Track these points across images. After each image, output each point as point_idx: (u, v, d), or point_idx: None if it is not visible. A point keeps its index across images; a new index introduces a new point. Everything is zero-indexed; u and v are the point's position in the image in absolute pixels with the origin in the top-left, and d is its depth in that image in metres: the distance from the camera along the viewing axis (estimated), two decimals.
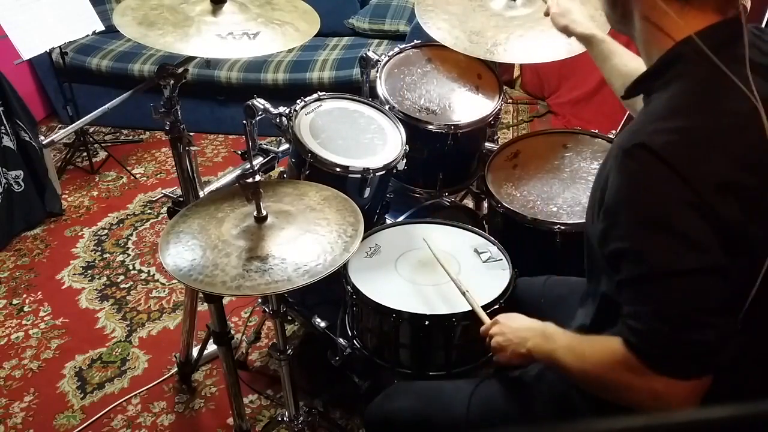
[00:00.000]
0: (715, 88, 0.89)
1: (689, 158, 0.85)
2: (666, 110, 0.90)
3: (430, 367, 1.46)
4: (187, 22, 1.37)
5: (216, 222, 1.32)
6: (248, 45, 1.36)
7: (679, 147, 0.85)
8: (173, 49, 1.32)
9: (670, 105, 0.91)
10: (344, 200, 1.38)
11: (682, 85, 0.92)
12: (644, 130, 0.89)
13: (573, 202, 1.72)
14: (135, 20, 1.36)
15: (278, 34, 1.41)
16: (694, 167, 0.84)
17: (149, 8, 1.40)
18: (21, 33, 2.75)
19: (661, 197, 0.86)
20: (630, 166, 0.88)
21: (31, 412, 2.05)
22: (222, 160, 3.42)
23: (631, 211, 0.89)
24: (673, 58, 0.93)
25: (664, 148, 0.85)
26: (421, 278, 1.50)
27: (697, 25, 0.91)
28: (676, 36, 0.93)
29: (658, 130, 0.87)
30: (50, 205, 2.97)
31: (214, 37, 1.35)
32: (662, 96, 0.93)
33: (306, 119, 1.69)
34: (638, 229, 0.89)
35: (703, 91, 0.90)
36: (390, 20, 3.52)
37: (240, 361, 2.10)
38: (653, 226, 0.87)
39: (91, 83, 3.54)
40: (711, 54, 0.88)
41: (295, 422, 1.69)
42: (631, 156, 0.88)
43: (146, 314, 2.41)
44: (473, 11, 1.85)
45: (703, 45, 0.89)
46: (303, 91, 1.88)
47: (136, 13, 1.38)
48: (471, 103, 1.93)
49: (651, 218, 0.87)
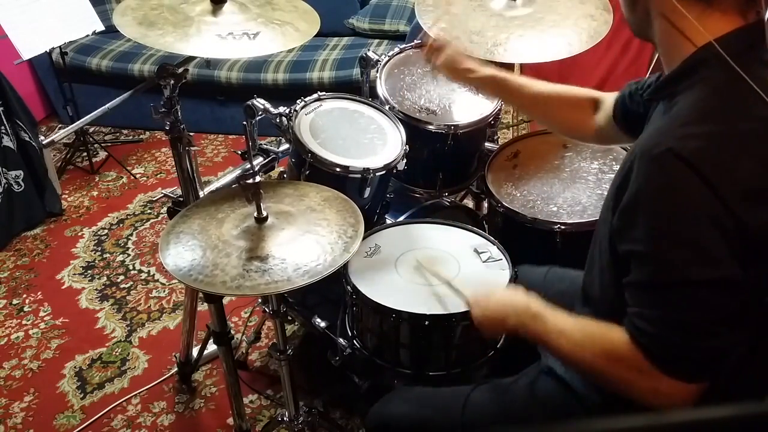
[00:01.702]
0: (739, 93, 0.88)
1: (718, 165, 0.84)
2: (693, 114, 0.89)
3: (429, 367, 1.45)
4: (187, 22, 1.37)
5: (216, 222, 1.32)
6: (248, 45, 1.36)
7: (709, 154, 0.85)
8: (173, 49, 1.31)
9: (697, 109, 0.90)
10: (344, 201, 1.38)
11: (707, 88, 0.91)
12: (671, 135, 0.88)
13: (573, 201, 1.71)
14: (135, 20, 1.36)
15: (278, 34, 1.41)
16: (723, 175, 0.84)
17: (149, 8, 1.40)
18: (21, 33, 2.75)
19: (688, 206, 0.85)
20: (657, 171, 0.87)
21: (31, 412, 2.06)
22: (222, 160, 3.42)
23: (653, 217, 0.88)
24: (697, 62, 0.92)
25: (693, 155, 0.84)
26: (421, 278, 1.49)
27: (720, 28, 0.90)
28: (698, 40, 0.91)
29: (687, 135, 0.86)
30: (50, 205, 2.97)
31: (214, 37, 1.35)
32: (687, 99, 0.92)
33: (306, 119, 1.69)
34: (657, 236, 0.88)
35: (730, 96, 0.89)
36: (390, 20, 3.52)
37: (240, 361, 2.10)
38: (674, 235, 0.87)
39: (91, 83, 3.54)
40: (730, 60, 0.86)
41: (295, 422, 1.69)
42: (659, 161, 0.86)
43: (146, 314, 2.41)
44: (473, 11, 1.85)
45: (726, 49, 0.88)
46: (303, 91, 1.88)
47: (136, 13, 1.38)
48: (471, 103, 1.93)
49: (672, 227, 0.87)
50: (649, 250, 0.89)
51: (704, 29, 0.90)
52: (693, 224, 0.85)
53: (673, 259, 0.87)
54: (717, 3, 0.90)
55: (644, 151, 0.89)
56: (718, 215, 0.83)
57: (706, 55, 0.91)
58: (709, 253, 0.85)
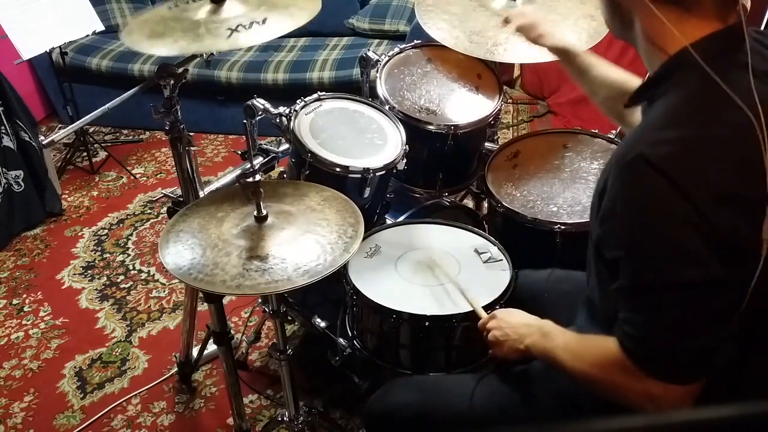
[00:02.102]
0: (713, 98, 0.88)
1: (688, 170, 0.84)
2: (664, 120, 0.90)
3: (430, 367, 1.46)
4: (194, 25, 1.37)
5: (216, 221, 1.32)
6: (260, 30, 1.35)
7: (678, 159, 0.85)
8: (189, 50, 1.33)
9: (668, 114, 0.90)
10: (344, 201, 1.38)
11: (679, 94, 0.91)
12: (644, 141, 0.88)
13: (573, 202, 1.72)
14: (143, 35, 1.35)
15: (285, 15, 1.40)
16: (693, 179, 0.84)
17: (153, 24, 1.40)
18: (21, 33, 2.76)
19: (660, 211, 0.86)
20: (629, 177, 0.88)
21: (31, 412, 2.06)
22: (222, 160, 3.42)
23: (629, 223, 0.89)
24: (672, 67, 0.93)
25: (663, 161, 0.84)
26: (421, 279, 1.50)
27: (698, 33, 0.90)
28: (676, 44, 0.92)
29: (658, 141, 0.87)
30: (50, 205, 2.97)
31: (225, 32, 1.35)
32: (662, 104, 0.93)
33: (306, 119, 1.69)
34: (635, 241, 0.89)
35: (701, 101, 0.89)
36: (390, 20, 3.52)
37: (240, 361, 2.10)
38: (651, 239, 0.87)
39: (91, 83, 3.54)
40: (704, 64, 0.86)
41: (295, 422, 1.69)
42: (631, 168, 0.87)
43: (146, 314, 2.41)
44: (473, 11, 1.85)
45: (702, 54, 0.87)
46: (303, 91, 1.88)
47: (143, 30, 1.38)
48: (471, 103, 1.93)
49: (648, 232, 0.87)
50: (628, 256, 0.90)
51: (682, 34, 0.90)
52: (668, 228, 0.85)
53: (652, 263, 0.88)
54: (695, 8, 0.90)
55: (619, 157, 0.90)
56: (691, 218, 0.83)
57: (681, 61, 0.91)
58: (687, 255, 0.85)
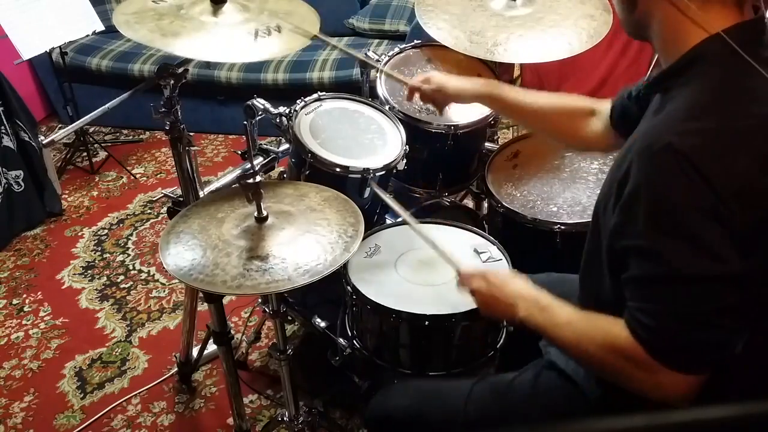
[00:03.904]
0: (739, 89, 0.89)
1: (715, 162, 0.85)
2: (690, 109, 0.90)
3: (429, 367, 1.46)
4: (203, 27, 1.35)
5: (216, 222, 1.32)
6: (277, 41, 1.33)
7: (706, 150, 0.86)
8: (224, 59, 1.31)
9: (694, 104, 0.91)
10: (344, 201, 1.38)
11: (704, 84, 0.91)
12: (672, 130, 0.88)
13: (573, 202, 1.72)
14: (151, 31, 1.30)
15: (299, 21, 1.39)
16: (719, 171, 0.84)
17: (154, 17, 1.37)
18: (21, 33, 2.75)
19: (685, 202, 0.86)
20: (657, 166, 0.88)
21: (31, 412, 2.06)
22: (222, 160, 3.42)
23: (652, 212, 0.89)
24: (696, 56, 0.93)
25: (692, 151, 0.85)
26: (421, 278, 1.50)
27: (719, 22, 0.91)
28: (697, 34, 0.92)
29: (686, 131, 0.87)
30: (50, 205, 2.97)
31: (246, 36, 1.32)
32: (683, 94, 0.93)
33: (306, 119, 1.69)
34: (657, 231, 0.89)
35: (727, 92, 0.90)
36: (390, 20, 3.52)
37: (240, 361, 2.10)
38: (673, 229, 0.88)
39: (91, 83, 3.54)
40: (744, 53, 0.87)
41: (295, 422, 1.69)
42: (659, 156, 0.87)
43: (146, 314, 2.41)
44: (473, 11, 1.85)
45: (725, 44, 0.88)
46: (303, 91, 1.88)
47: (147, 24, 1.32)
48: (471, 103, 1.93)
49: (672, 221, 0.88)
50: (648, 245, 0.90)
51: (704, 24, 0.91)
52: (692, 218, 0.86)
53: (673, 253, 0.88)
54: None
55: (644, 146, 0.90)
56: (716, 209, 0.84)
57: (704, 50, 0.92)
58: (709, 247, 0.86)
